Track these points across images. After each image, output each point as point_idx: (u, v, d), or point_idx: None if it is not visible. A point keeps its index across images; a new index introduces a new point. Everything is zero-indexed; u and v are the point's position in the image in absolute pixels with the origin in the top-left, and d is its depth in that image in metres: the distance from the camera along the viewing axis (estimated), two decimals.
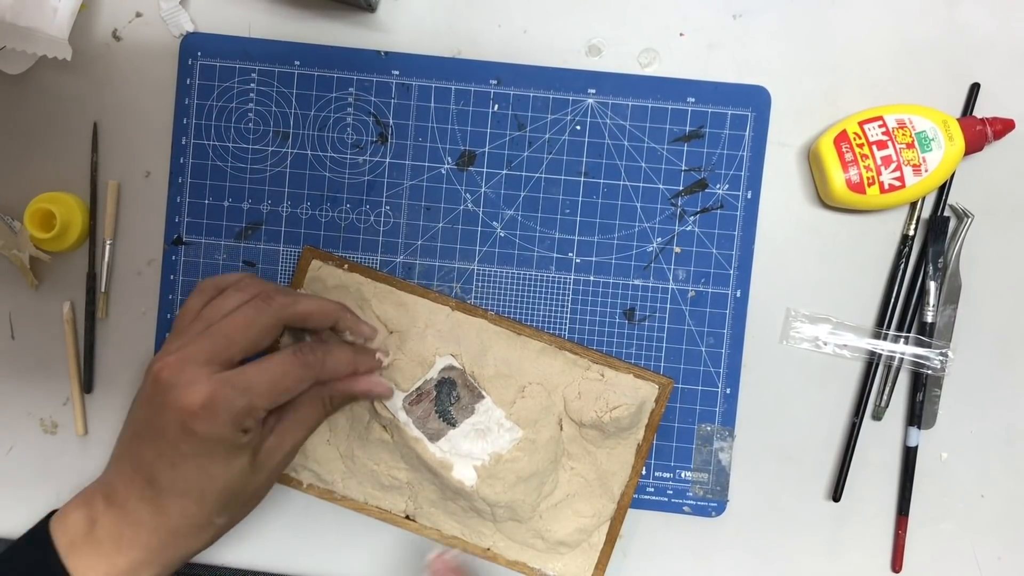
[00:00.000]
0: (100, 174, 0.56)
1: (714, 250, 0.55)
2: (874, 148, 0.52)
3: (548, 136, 0.55)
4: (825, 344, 0.55)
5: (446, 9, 0.55)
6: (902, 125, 0.52)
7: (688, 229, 0.55)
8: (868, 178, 0.52)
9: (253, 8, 0.56)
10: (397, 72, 0.55)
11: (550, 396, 0.53)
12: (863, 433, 0.55)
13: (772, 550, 0.55)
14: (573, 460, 0.54)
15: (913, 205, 0.54)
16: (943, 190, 0.54)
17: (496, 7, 0.55)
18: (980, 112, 0.54)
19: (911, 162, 0.51)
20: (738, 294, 0.55)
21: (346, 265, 0.55)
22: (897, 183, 0.52)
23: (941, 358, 0.54)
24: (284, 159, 0.55)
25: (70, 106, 0.56)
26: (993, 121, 0.52)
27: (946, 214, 0.55)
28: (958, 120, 0.52)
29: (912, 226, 0.54)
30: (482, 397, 0.53)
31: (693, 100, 0.55)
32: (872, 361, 0.55)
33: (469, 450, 0.52)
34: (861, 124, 0.52)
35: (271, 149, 0.55)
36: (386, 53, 0.55)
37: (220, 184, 0.56)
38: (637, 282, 0.55)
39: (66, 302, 0.56)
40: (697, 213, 0.55)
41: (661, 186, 0.55)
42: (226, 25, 0.56)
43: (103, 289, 0.56)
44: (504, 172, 0.55)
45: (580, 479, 0.54)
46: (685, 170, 0.55)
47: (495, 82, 0.55)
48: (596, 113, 0.55)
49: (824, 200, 0.55)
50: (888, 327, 0.54)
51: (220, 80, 0.55)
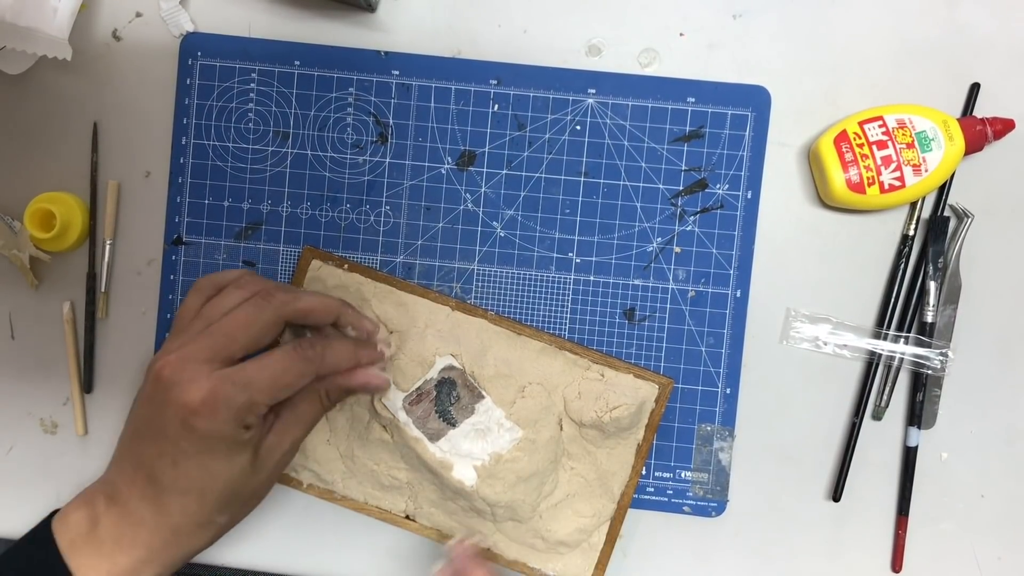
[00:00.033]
0: (100, 174, 0.56)
1: (714, 250, 0.55)
2: (874, 148, 0.52)
3: (548, 136, 0.55)
4: (825, 344, 0.55)
5: (446, 9, 0.55)
6: (902, 125, 0.52)
7: (688, 229, 0.55)
8: (868, 178, 0.52)
9: (253, 8, 0.56)
10: (397, 72, 0.55)
11: (550, 396, 0.53)
12: (863, 433, 0.55)
13: (772, 550, 0.55)
14: (573, 460, 0.54)
15: (913, 205, 0.54)
16: (943, 190, 0.54)
17: (496, 7, 0.55)
18: (980, 112, 0.54)
19: (911, 162, 0.51)
20: (738, 294, 0.55)
21: (346, 265, 0.55)
22: (897, 183, 0.52)
23: (941, 358, 0.54)
24: (284, 159, 0.55)
25: (70, 106, 0.56)
26: (993, 121, 0.52)
27: (946, 214, 0.55)
28: (958, 120, 0.52)
29: (912, 226, 0.54)
30: (482, 397, 0.53)
31: (693, 100, 0.55)
32: (872, 361, 0.55)
33: (469, 450, 0.52)
34: (861, 124, 0.52)
35: (271, 149, 0.55)
36: (386, 53, 0.55)
37: (220, 184, 0.56)
38: (637, 282, 0.55)
39: (66, 302, 0.56)
40: (697, 213, 0.55)
41: (661, 186, 0.55)
42: (226, 25, 0.56)
43: (103, 289, 0.56)
44: (504, 172, 0.55)
45: (580, 479, 0.54)
46: (685, 170, 0.55)
47: (495, 82, 0.55)
48: (596, 113, 0.55)
49: (824, 200, 0.55)
50: (888, 327, 0.54)
51: (220, 80, 0.55)
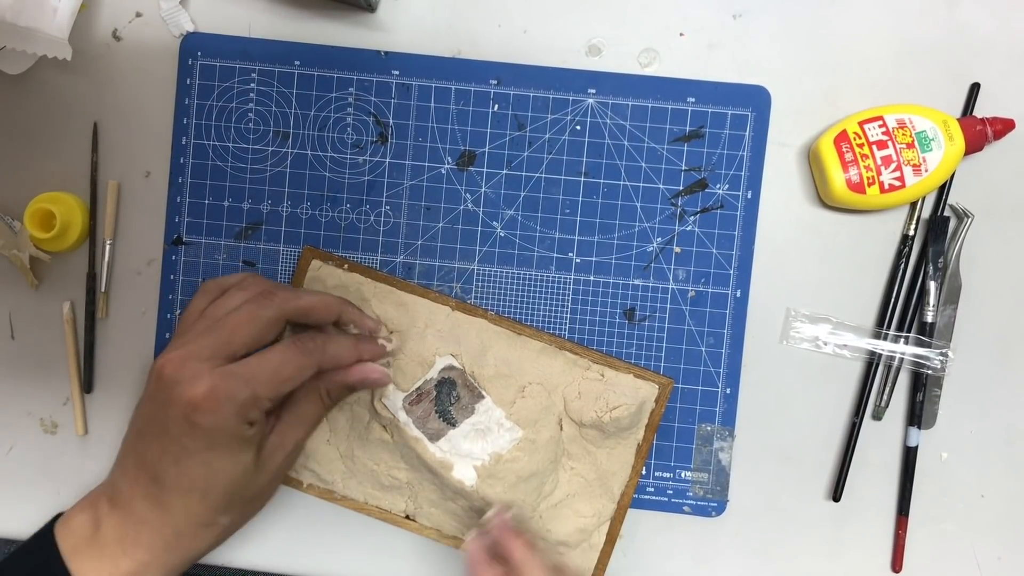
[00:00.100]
0: (100, 174, 0.56)
1: (714, 250, 0.55)
2: (874, 148, 0.52)
3: (548, 136, 0.55)
4: (825, 344, 0.55)
5: (446, 9, 0.55)
6: (902, 125, 0.52)
7: (688, 229, 0.55)
8: (868, 178, 0.52)
9: (253, 8, 0.56)
10: (397, 72, 0.55)
11: (550, 396, 0.53)
12: (863, 433, 0.55)
13: (772, 550, 0.55)
14: (573, 460, 0.54)
15: (913, 205, 0.54)
16: (943, 190, 0.54)
17: (496, 7, 0.55)
18: (980, 112, 0.54)
19: (911, 162, 0.51)
20: (738, 294, 0.55)
21: (346, 265, 0.55)
22: (897, 183, 0.52)
23: (941, 358, 0.54)
24: (284, 159, 0.55)
25: (70, 106, 0.56)
26: (993, 121, 0.52)
27: (946, 214, 0.55)
28: (958, 120, 0.52)
29: (912, 226, 0.54)
30: (482, 397, 0.53)
31: (693, 100, 0.55)
32: (872, 361, 0.55)
33: (469, 450, 0.52)
34: (861, 124, 0.52)
35: (271, 149, 0.55)
36: (386, 53, 0.55)
37: (220, 184, 0.56)
38: (637, 282, 0.55)
39: (66, 302, 0.56)
40: (697, 213, 0.55)
41: (661, 186, 0.55)
42: (226, 25, 0.56)
43: (103, 289, 0.56)
44: (504, 172, 0.55)
45: (580, 479, 0.54)
46: (685, 170, 0.55)
47: (495, 82, 0.55)
48: (596, 113, 0.55)
49: (824, 200, 0.55)
50: (888, 327, 0.54)
51: (220, 80, 0.55)
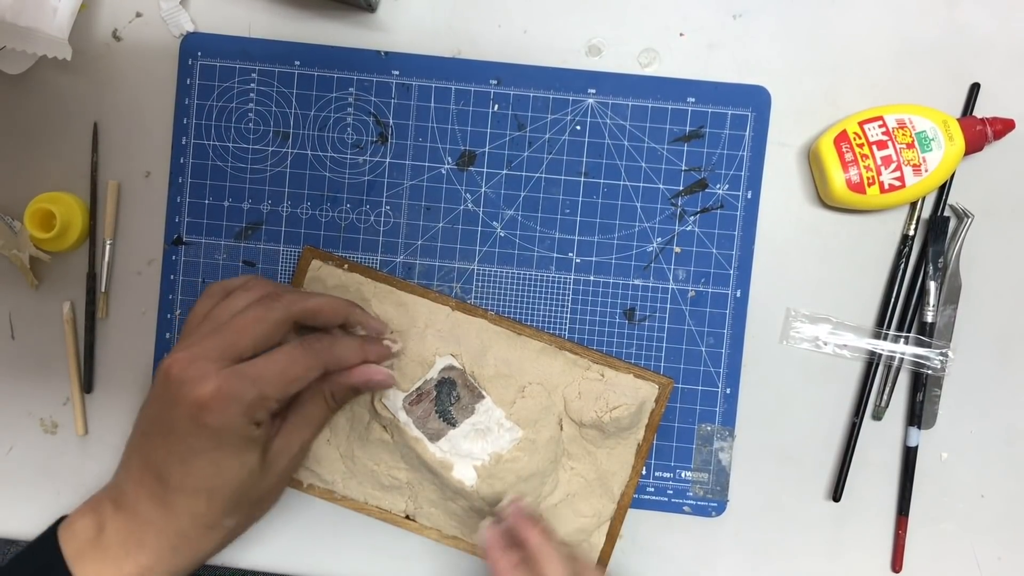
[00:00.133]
0: (100, 174, 0.56)
1: (714, 250, 0.55)
2: (874, 148, 0.52)
3: (548, 136, 0.55)
4: (825, 344, 0.55)
5: (446, 9, 0.55)
6: (902, 125, 0.52)
7: (688, 229, 0.55)
8: (868, 178, 0.52)
9: (253, 8, 0.56)
10: (397, 72, 0.55)
11: (550, 396, 0.53)
12: (863, 433, 0.55)
13: (772, 550, 0.55)
14: (573, 460, 0.54)
15: (913, 205, 0.54)
16: (943, 190, 0.54)
17: (496, 7, 0.55)
18: (980, 112, 0.54)
19: (911, 162, 0.51)
20: (738, 294, 0.55)
21: (346, 265, 0.55)
22: (897, 183, 0.52)
23: (941, 358, 0.54)
24: (284, 159, 0.55)
25: (70, 106, 0.56)
26: (993, 121, 0.52)
27: (946, 214, 0.55)
28: (958, 120, 0.52)
29: (912, 226, 0.54)
30: (482, 397, 0.53)
31: (693, 100, 0.55)
32: (872, 361, 0.54)
33: (469, 450, 0.52)
34: (861, 124, 0.52)
35: (271, 149, 0.55)
36: (386, 53, 0.55)
37: (220, 184, 0.56)
38: (637, 282, 0.55)
39: (66, 302, 0.56)
40: (697, 213, 0.55)
41: (661, 186, 0.55)
42: (226, 25, 0.56)
43: (103, 289, 0.56)
44: (504, 172, 0.55)
45: (580, 479, 0.54)
46: (685, 170, 0.55)
47: (495, 82, 0.55)
48: (596, 113, 0.55)
49: (824, 200, 0.55)
50: (888, 327, 0.54)
51: (220, 80, 0.55)
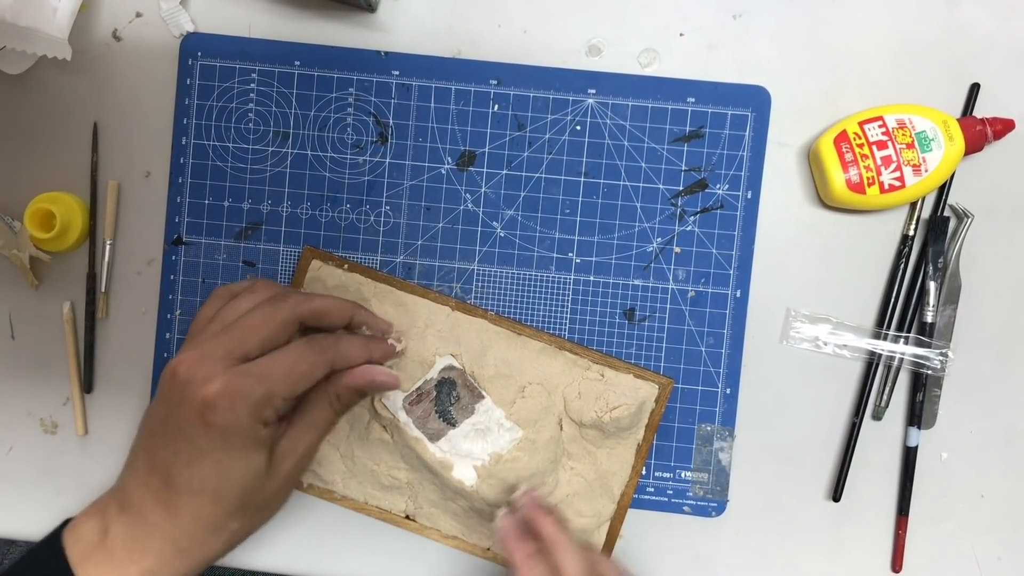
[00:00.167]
0: (100, 174, 0.56)
1: (714, 250, 0.55)
2: (874, 148, 0.52)
3: (548, 136, 0.55)
4: (825, 344, 0.55)
5: (446, 9, 0.55)
6: (902, 125, 0.52)
7: (688, 229, 0.55)
8: (868, 178, 0.52)
9: (253, 8, 0.56)
10: (397, 72, 0.55)
11: (550, 396, 0.53)
12: (863, 433, 0.55)
13: (772, 550, 0.55)
14: (573, 460, 0.54)
15: (913, 205, 0.54)
16: (943, 190, 0.54)
17: (496, 7, 0.55)
18: (980, 112, 0.54)
19: (911, 162, 0.51)
20: (738, 294, 0.55)
21: (346, 265, 0.55)
22: (897, 183, 0.52)
23: (941, 358, 0.54)
24: (284, 159, 0.55)
25: (70, 106, 0.56)
26: (993, 121, 0.52)
27: (946, 214, 0.55)
28: (958, 120, 0.52)
29: (912, 226, 0.54)
30: (482, 397, 0.53)
31: (693, 100, 0.55)
32: (872, 361, 0.54)
33: (469, 450, 0.52)
34: (861, 124, 0.52)
35: (271, 149, 0.55)
36: (386, 53, 0.55)
37: (220, 184, 0.56)
38: (637, 282, 0.55)
39: (66, 302, 0.56)
40: (697, 213, 0.55)
41: (661, 186, 0.55)
42: (226, 25, 0.56)
43: (103, 289, 0.56)
44: (504, 172, 0.55)
45: (580, 479, 0.54)
46: (685, 170, 0.55)
47: (495, 82, 0.55)
48: (596, 113, 0.55)
49: (824, 200, 0.55)
50: (888, 327, 0.54)
51: (220, 80, 0.55)
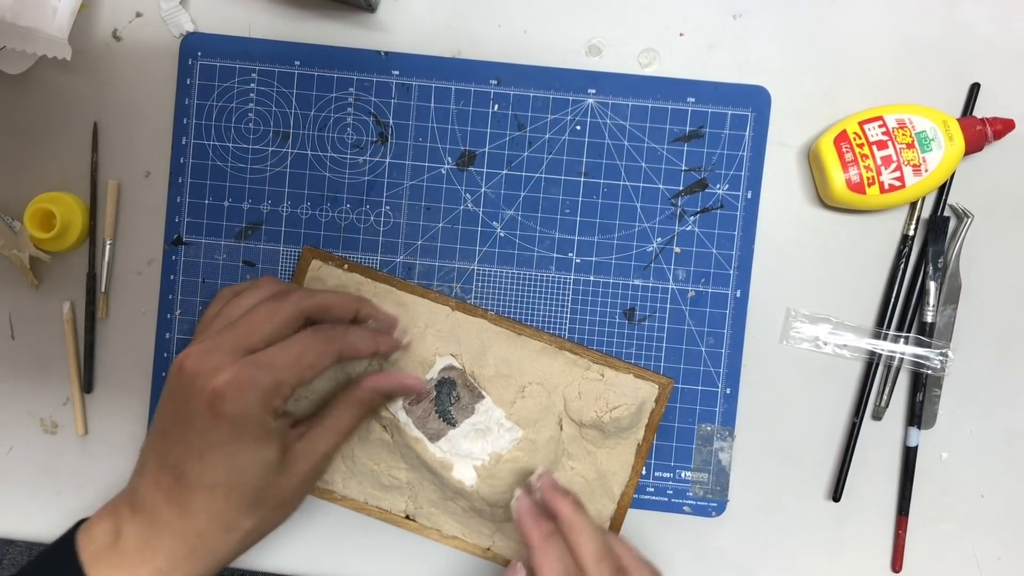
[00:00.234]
0: (100, 174, 0.56)
1: (714, 250, 0.55)
2: (874, 148, 0.52)
3: (548, 136, 0.55)
4: (825, 344, 0.55)
5: (446, 9, 0.55)
6: (902, 125, 0.52)
7: (688, 229, 0.55)
8: (868, 178, 0.52)
9: (253, 8, 0.56)
10: (397, 72, 0.55)
11: (550, 396, 0.53)
12: (863, 433, 0.55)
13: (772, 550, 0.55)
14: (573, 460, 0.54)
15: (913, 205, 0.54)
16: (943, 190, 0.54)
17: (496, 7, 0.55)
18: (980, 112, 0.54)
19: (911, 162, 0.51)
20: (738, 294, 0.55)
21: (346, 265, 0.55)
22: (897, 183, 0.52)
23: (941, 358, 0.54)
24: (284, 159, 0.55)
25: (70, 106, 0.56)
26: (993, 121, 0.52)
27: (946, 214, 0.55)
28: (958, 120, 0.52)
29: (912, 226, 0.54)
30: (482, 397, 0.53)
31: (693, 100, 0.55)
32: (872, 361, 0.54)
33: (469, 450, 0.52)
34: (861, 124, 0.52)
35: (271, 149, 0.55)
36: (386, 53, 0.55)
37: (220, 184, 0.56)
38: (637, 282, 0.55)
39: (66, 302, 0.56)
40: (697, 213, 0.55)
41: (661, 186, 0.55)
42: (226, 25, 0.56)
43: (103, 289, 0.56)
44: (504, 172, 0.55)
45: (580, 479, 0.54)
46: (685, 170, 0.55)
47: (495, 82, 0.55)
48: (596, 113, 0.55)
49: (824, 200, 0.55)
50: (888, 327, 0.54)
51: (220, 80, 0.55)
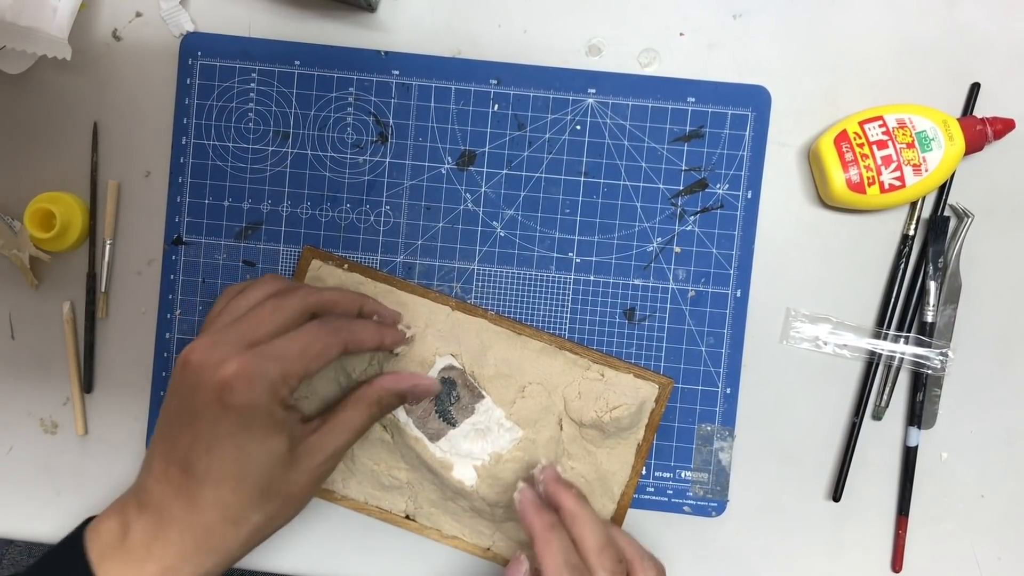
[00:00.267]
0: (100, 174, 0.56)
1: (714, 250, 0.55)
2: (874, 148, 0.52)
3: (548, 136, 0.55)
4: (825, 344, 0.55)
5: (446, 9, 0.55)
6: (902, 125, 0.52)
7: (688, 229, 0.55)
8: (868, 178, 0.52)
9: (253, 8, 0.56)
10: (397, 72, 0.55)
11: (550, 396, 0.53)
12: (863, 433, 0.55)
13: (772, 550, 0.55)
14: (573, 460, 0.54)
15: (913, 205, 0.54)
16: (943, 190, 0.54)
17: (496, 7, 0.55)
18: (980, 112, 0.54)
19: (911, 162, 0.51)
20: (738, 294, 0.55)
21: (346, 265, 0.55)
22: (897, 183, 0.52)
23: (941, 358, 0.54)
24: (284, 159, 0.55)
25: (70, 106, 0.56)
26: (993, 121, 0.52)
27: (946, 214, 0.55)
28: (958, 120, 0.52)
29: (912, 226, 0.54)
30: (482, 397, 0.53)
31: (693, 100, 0.55)
32: (872, 361, 0.54)
33: (469, 450, 0.52)
34: (861, 124, 0.52)
35: (271, 149, 0.55)
36: (386, 53, 0.55)
37: (220, 184, 0.56)
38: (637, 282, 0.55)
39: (66, 302, 0.56)
40: (697, 213, 0.55)
41: (661, 186, 0.55)
42: (226, 25, 0.56)
43: (103, 289, 0.56)
44: (504, 172, 0.55)
45: (580, 479, 0.54)
46: (685, 170, 0.55)
47: (495, 82, 0.55)
48: (596, 113, 0.55)
49: (824, 200, 0.55)
50: (888, 327, 0.54)
51: (220, 80, 0.55)
